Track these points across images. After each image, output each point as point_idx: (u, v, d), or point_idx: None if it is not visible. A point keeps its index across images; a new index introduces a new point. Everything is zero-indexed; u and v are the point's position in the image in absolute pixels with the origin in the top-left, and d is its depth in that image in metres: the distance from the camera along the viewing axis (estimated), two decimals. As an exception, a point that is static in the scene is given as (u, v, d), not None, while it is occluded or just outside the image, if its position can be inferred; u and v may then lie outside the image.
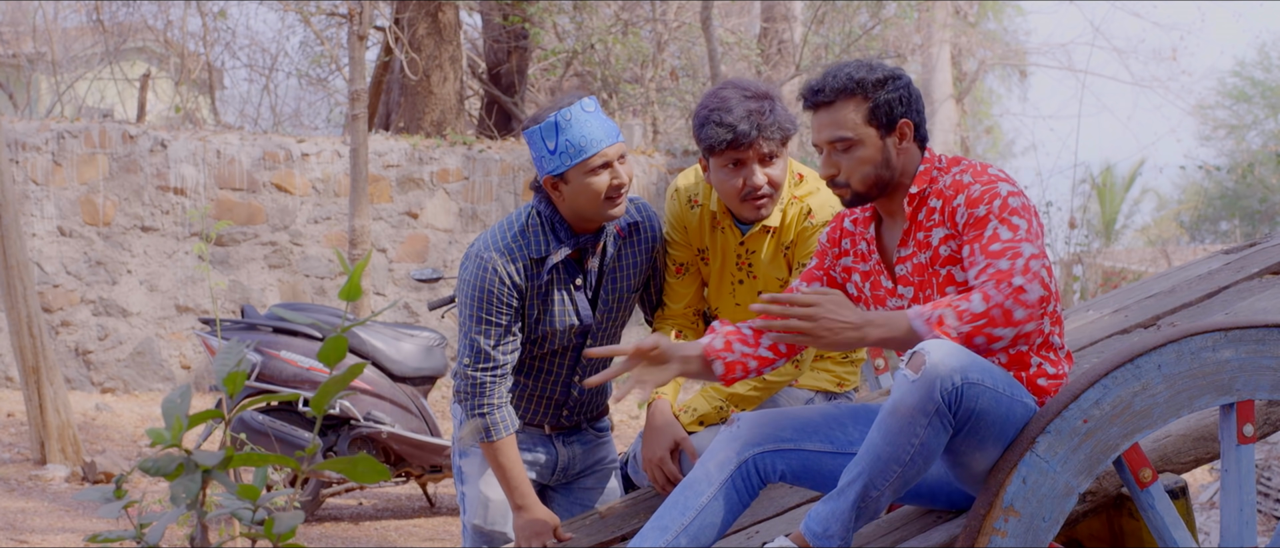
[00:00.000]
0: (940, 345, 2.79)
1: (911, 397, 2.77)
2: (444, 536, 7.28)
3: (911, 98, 3.08)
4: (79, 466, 8.43)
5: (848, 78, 3.05)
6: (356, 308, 9.86)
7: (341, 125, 17.41)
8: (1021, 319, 2.80)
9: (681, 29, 15.38)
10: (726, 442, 3.12)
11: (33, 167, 10.79)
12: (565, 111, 3.44)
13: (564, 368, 3.66)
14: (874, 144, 3.05)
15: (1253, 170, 23.14)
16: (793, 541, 2.93)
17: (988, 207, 2.92)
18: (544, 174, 3.48)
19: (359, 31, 10.42)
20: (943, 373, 2.76)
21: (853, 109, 3.05)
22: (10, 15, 16.85)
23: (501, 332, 3.51)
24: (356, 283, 1.92)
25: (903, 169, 3.08)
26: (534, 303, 3.54)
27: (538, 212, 3.55)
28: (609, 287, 3.62)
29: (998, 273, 2.83)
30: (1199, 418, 3.18)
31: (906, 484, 2.86)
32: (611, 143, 3.45)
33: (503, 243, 3.52)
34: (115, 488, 2.04)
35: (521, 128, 3.60)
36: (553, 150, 3.44)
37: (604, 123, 3.47)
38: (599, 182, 3.44)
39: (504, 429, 3.54)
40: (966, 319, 2.80)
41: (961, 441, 2.85)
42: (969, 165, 3.03)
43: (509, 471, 3.54)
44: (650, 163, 12.24)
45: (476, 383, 3.52)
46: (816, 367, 3.72)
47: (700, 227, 3.67)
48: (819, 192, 3.60)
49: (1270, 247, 4.09)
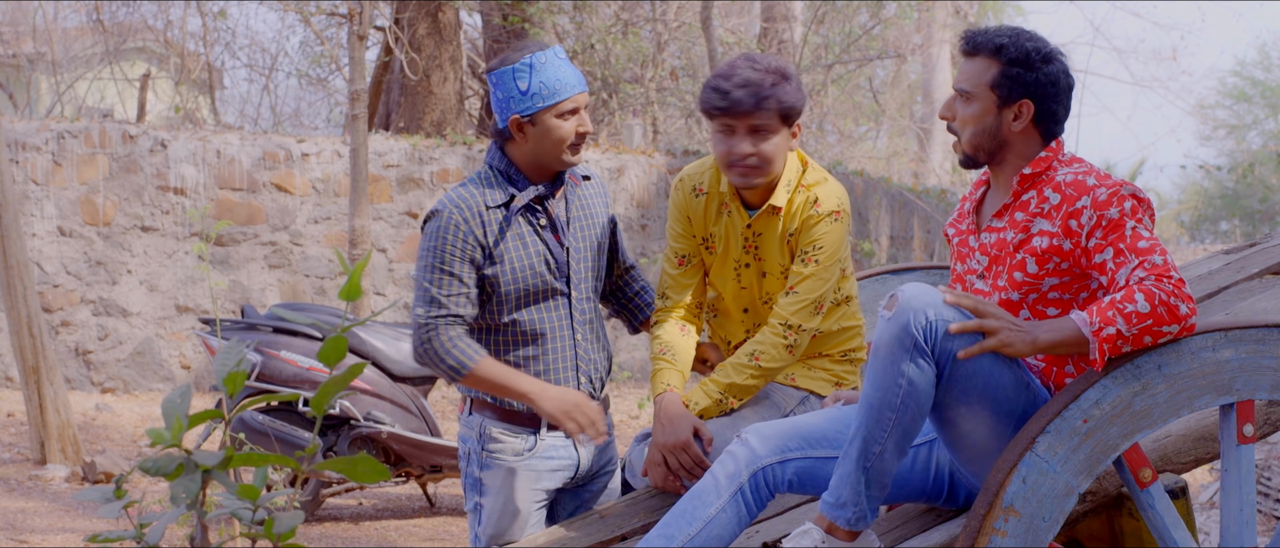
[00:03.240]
0: (914, 285, 2.86)
1: (887, 333, 2.83)
2: (444, 536, 7.28)
3: (1046, 84, 3.06)
4: (79, 466, 8.43)
5: (994, 38, 3.08)
6: (356, 308, 9.86)
7: (341, 125, 17.41)
8: (1185, 314, 2.83)
9: (681, 29, 15.39)
10: (735, 454, 3.13)
11: (33, 167, 10.79)
12: (540, 55, 3.49)
13: (565, 323, 3.63)
14: (989, 109, 3.08)
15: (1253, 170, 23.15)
16: (815, 523, 2.95)
17: (1120, 209, 2.92)
18: (511, 115, 3.50)
19: (359, 31, 10.42)
20: (915, 306, 2.82)
21: (984, 68, 3.08)
22: (10, 15, 16.85)
23: (454, 280, 3.49)
24: (356, 283, 1.92)
25: (1013, 147, 3.09)
26: (504, 249, 3.54)
27: (490, 165, 3.59)
28: (577, 235, 3.64)
29: (1155, 268, 2.85)
30: (1199, 418, 3.18)
31: (905, 435, 2.87)
32: (581, 90, 3.53)
33: (459, 195, 3.54)
34: (115, 488, 2.04)
35: (485, 70, 3.61)
36: (525, 91, 3.48)
37: (574, 71, 3.54)
38: (567, 126, 3.50)
39: (475, 353, 3.51)
40: (1135, 321, 2.80)
41: (950, 396, 2.87)
42: (1090, 167, 3.04)
43: (500, 376, 3.52)
44: (650, 163, 12.24)
45: (427, 328, 3.48)
46: (814, 365, 3.71)
47: (705, 214, 3.68)
48: (826, 183, 3.61)
49: (1270, 247, 4.09)
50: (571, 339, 3.64)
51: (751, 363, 3.57)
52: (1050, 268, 2.99)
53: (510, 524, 3.63)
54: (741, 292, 3.70)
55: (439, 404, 10.47)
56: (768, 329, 3.58)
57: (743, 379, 3.58)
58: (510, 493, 3.61)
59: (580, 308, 3.65)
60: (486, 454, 3.61)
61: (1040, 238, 3.00)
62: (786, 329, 3.55)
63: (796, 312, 3.55)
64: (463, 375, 3.51)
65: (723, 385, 3.59)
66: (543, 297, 3.60)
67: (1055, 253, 2.98)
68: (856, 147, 20.77)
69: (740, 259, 3.67)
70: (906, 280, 4.38)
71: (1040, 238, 3.00)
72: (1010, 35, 3.08)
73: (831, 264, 3.55)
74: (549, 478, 3.64)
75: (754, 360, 3.57)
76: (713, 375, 3.63)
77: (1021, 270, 3.01)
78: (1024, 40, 3.06)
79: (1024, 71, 3.05)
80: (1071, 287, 2.99)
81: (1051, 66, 3.06)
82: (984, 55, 3.08)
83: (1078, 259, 2.96)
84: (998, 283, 3.06)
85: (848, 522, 2.92)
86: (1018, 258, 3.03)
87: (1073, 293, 3.00)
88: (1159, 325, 2.81)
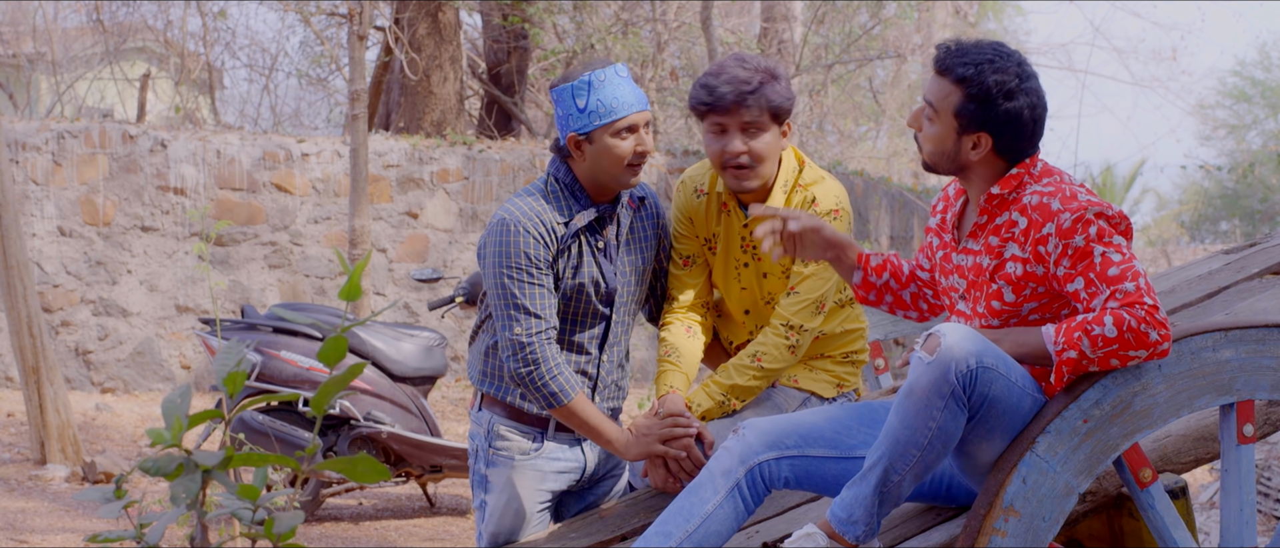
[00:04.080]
0: (956, 328, 2.80)
1: (926, 378, 2.79)
2: (444, 536, 7.28)
3: (1006, 121, 2.96)
4: (79, 466, 8.42)
5: (959, 67, 2.98)
6: (356, 308, 9.86)
7: (341, 125, 17.41)
8: (1155, 341, 2.79)
9: (681, 29, 15.38)
10: (732, 449, 3.12)
11: (33, 167, 10.79)
12: (599, 73, 3.47)
13: (595, 344, 3.61)
14: (948, 133, 3.02)
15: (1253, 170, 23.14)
16: (820, 528, 2.94)
17: (1085, 236, 2.85)
18: (569, 132, 3.48)
19: (359, 31, 10.42)
20: (958, 356, 2.77)
21: (949, 91, 2.99)
22: (10, 15, 16.85)
23: (538, 288, 3.45)
24: (356, 283, 1.92)
25: (976, 169, 3.04)
26: (559, 268, 3.51)
27: (555, 178, 3.55)
28: (626, 257, 3.61)
29: (1128, 297, 2.80)
30: (1199, 418, 3.18)
31: (927, 469, 2.86)
32: (640, 110, 3.49)
33: (525, 206, 3.49)
34: (115, 488, 2.04)
35: (550, 86, 3.61)
36: (582, 109, 3.46)
37: (635, 90, 3.50)
38: (624, 146, 3.47)
39: (574, 386, 3.47)
40: (1100, 345, 2.78)
41: (971, 428, 2.86)
42: (1056, 185, 2.95)
43: (592, 418, 3.49)
44: (650, 163, 12.23)
45: (530, 349, 3.43)
46: (816, 367, 3.71)
47: (707, 214, 3.68)
48: (824, 181, 3.61)
49: (1270, 247, 4.09)
50: (597, 359, 3.63)
51: (753, 364, 3.57)
52: (1027, 294, 2.96)
53: (512, 523, 3.63)
54: (742, 293, 3.70)
55: (439, 404, 10.47)
56: (769, 330, 3.58)
57: (745, 380, 3.58)
58: (514, 491, 3.61)
59: (615, 332, 3.64)
60: (493, 452, 3.61)
61: (1013, 264, 2.97)
62: (788, 330, 3.55)
63: (798, 312, 3.55)
64: (555, 406, 3.49)
65: (725, 387, 3.59)
66: (582, 313, 3.59)
67: (1030, 279, 2.95)
68: (856, 146, 20.77)
69: (739, 259, 3.67)
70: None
71: (1013, 264, 2.97)
72: (976, 66, 2.96)
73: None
74: (554, 479, 3.64)
75: (756, 362, 3.57)
76: (714, 377, 3.63)
77: (999, 299, 2.99)
78: (989, 73, 2.95)
79: (981, 108, 2.96)
80: (1051, 307, 2.97)
81: (1014, 103, 2.95)
82: (950, 79, 3.00)
83: (1051, 283, 2.94)
84: (977, 308, 3.05)
85: (856, 538, 2.93)
86: (994, 287, 3.00)
87: (1053, 312, 2.97)
88: (1125, 350, 2.78)
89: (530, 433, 3.60)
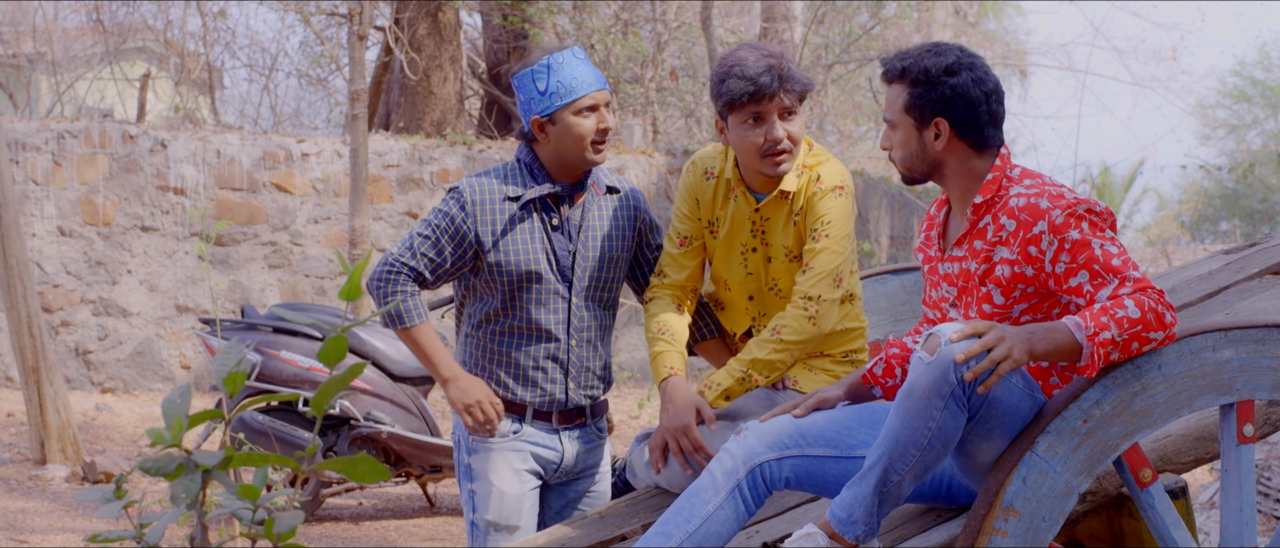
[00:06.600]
0: (954, 327, 2.80)
1: (926, 378, 2.79)
2: (444, 536, 7.28)
3: (953, 97, 3.01)
4: (79, 466, 8.43)
5: (898, 63, 3.06)
6: (356, 308, 9.86)
7: (341, 125, 17.41)
8: (1170, 322, 2.82)
9: (681, 29, 15.39)
10: (733, 451, 3.13)
11: (33, 167, 10.79)
12: (557, 56, 3.58)
13: (561, 327, 3.67)
14: (910, 134, 3.07)
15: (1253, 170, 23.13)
16: (820, 528, 2.95)
17: (1079, 230, 2.88)
18: (532, 115, 3.60)
19: (359, 31, 10.42)
20: (956, 354, 2.77)
21: (897, 93, 3.07)
22: (10, 15, 16.85)
23: (435, 250, 3.61)
24: (356, 283, 1.92)
25: (948, 164, 3.07)
26: (510, 240, 3.61)
27: (517, 159, 3.69)
28: (587, 242, 3.68)
29: (1138, 283, 2.83)
30: (1199, 418, 3.17)
31: (927, 469, 2.87)
32: (600, 88, 3.61)
33: (479, 184, 3.65)
34: (115, 488, 2.04)
35: (510, 74, 3.70)
36: (543, 91, 3.57)
37: (593, 70, 3.62)
38: (587, 124, 3.58)
39: (418, 316, 3.62)
40: (1126, 326, 2.79)
41: (971, 428, 2.86)
42: (1039, 186, 2.98)
43: (430, 348, 3.62)
44: (650, 163, 12.24)
45: (397, 268, 3.60)
46: (816, 367, 3.71)
47: (713, 197, 3.70)
48: (828, 162, 3.63)
49: (1270, 247, 4.09)
50: (565, 344, 3.68)
51: (773, 337, 3.57)
52: (1016, 295, 2.97)
53: (504, 506, 3.66)
54: (748, 278, 3.71)
55: (439, 404, 10.47)
56: (789, 306, 3.59)
57: (765, 354, 3.58)
58: (499, 473, 3.67)
59: (578, 315, 3.69)
60: (474, 438, 3.68)
61: (1002, 267, 2.97)
62: (807, 301, 3.55)
63: (815, 284, 3.55)
64: (400, 327, 3.62)
65: (746, 362, 3.59)
66: (540, 292, 3.64)
67: (1019, 280, 2.96)
68: (856, 146, 20.77)
69: (747, 243, 3.68)
70: (906, 280, 4.39)
71: (1002, 267, 2.97)
72: (914, 56, 3.04)
73: (843, 237, 3.55)
74: (536, 462, 3.71)
75: (776, 335, 3.57)
76: (737, 356, 3.64)
77: (989, 302, 3.00)
78: (926, 58, 3.02)
79: (927, 90, 3.02)
80: (1041, 307, 2.98)
81: (957, 78, 3.01)
82: (895, 81, 3.07)
83: (1044, 283, 2.94)
84: (969, 314, 3.05)
85: (857, 538, 2.93)
86: (984, 290, 3.01)
87: (1045, 312, 2.99)
88: (1147, 331, 2.80)
89: (509, 418, 3.69)
